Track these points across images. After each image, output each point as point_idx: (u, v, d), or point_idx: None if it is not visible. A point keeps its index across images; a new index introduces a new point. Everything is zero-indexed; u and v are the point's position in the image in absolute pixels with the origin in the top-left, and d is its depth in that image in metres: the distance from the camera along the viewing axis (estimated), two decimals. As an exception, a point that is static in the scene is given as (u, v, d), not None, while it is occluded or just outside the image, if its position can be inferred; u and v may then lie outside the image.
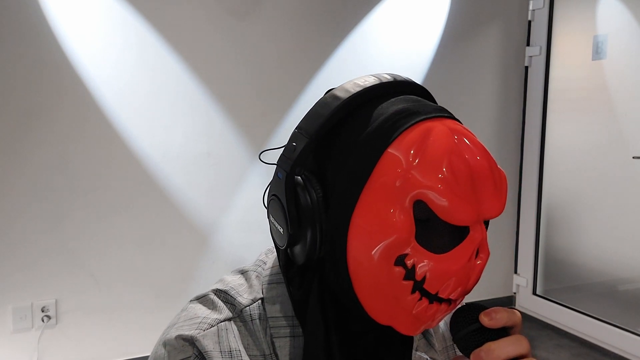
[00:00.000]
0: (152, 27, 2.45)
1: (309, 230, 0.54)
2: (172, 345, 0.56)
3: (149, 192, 2.52)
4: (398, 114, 0.53)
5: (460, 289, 0.53)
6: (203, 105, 2.58)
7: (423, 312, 0.53)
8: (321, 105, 0.56)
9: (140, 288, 2.54)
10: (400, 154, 0.51)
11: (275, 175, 0.56)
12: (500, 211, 0.53)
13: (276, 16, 2.68)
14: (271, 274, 0.63)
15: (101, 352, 2.49)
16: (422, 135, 0.52)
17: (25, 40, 2.25)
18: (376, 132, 0.53)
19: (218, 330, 0.57)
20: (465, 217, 0.51)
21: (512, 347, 0.51)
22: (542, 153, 3.26)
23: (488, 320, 0.52)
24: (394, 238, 0.51)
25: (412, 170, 0.51)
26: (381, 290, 0.53)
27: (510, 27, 3.25)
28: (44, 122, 2.32)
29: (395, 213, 0.51)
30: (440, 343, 0.71)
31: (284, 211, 0.55)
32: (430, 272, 0.51)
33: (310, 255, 0.54)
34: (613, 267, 2.96)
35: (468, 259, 0.52)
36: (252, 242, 2.74)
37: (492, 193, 0.52)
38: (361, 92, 0.56)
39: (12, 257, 2.32)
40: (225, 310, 0.60)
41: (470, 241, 0.52)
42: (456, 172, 0.50)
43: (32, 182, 2.32)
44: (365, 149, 0.53)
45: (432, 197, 0.50)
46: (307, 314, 0.57)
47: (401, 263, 0.51)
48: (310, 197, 0.54)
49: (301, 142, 0.55)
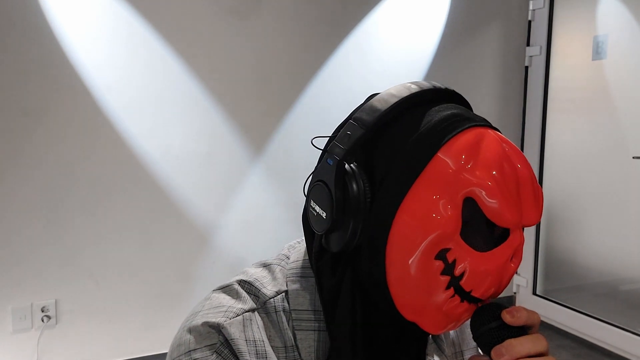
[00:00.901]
0: (152, 27, 2.45)
1: (352, 218, 0.55)
2: (198, 331, 0.57)
3: (149, 192, 2.52)
4: (452, 117, 0.56)
5: (493, 289, 0.55)
6: (203, 105, 2.58)
7: (453, 310, 0.55)
8: (379, 100, 0.58)
9: (140, 288, 2.54)
10: (454, 154, 0.54)
11: (324, 162, 0.58)
12: (538, 220, 0.56)
13: (277, 16, 2.68)
14: (295, 268, 0.64)
15: (101, 352, 2.49)
16: (476, 138, 0.55)
17: (25, 40, 2.25)
18: (431, 131, 0.55)
19: (243, 319, 0.58)
20: (511, 218, 0.53)
21: (531, 344, 0.53)
22: (542, 153, 3.26)
23: (510, 317, 0.54)
24: (441, 231, 0.52)
25: (466, 168, 0.53)
26: (416, 283, 0.54)
27: (510, 27, 3.25)
28: (43, 122, 2.32)
29: (446, 207, 0.53)
30: (450, 349, 0.71)
31: (331, 196, 0.56)
32: (469, 269, 0.53)
33: (348, 243, 0.56)
34: (613, 267, 2.96)
35: (506, 260, 0.54)
36: (252, 242, 2.74)
37: (532, 202, 0.55)
38: (418, 93, 0.58)
39: (12, 257, 2.31)
40: (249, 301, 0.60)
41: (510, 244, 0.54)
42: (506, 176, 0.53)
43: (32, 182, 2.32)
44: (420, 146, 0.55)
45: (482, 196, 0.52)
46: (337, 304, 0.58)
47: (442, 257, 0.53)
48: (357, 185, 0.55)
49: (356, 132, 0.57)
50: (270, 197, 2.76)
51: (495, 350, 0.53)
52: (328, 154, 0.58)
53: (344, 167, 0.56)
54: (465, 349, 0.73)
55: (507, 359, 0.52)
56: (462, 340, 0.74)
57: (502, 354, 0.52)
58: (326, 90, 2.80)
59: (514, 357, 0.52)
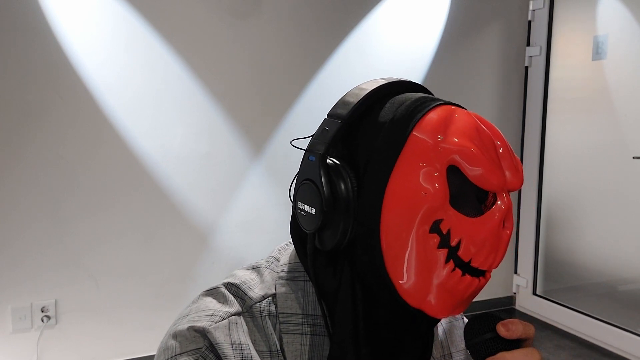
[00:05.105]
0: (153, 27, 2.45)
1: (343, 210, 0.56)
2: (184, 336, 0.57)
3: (149, 192, 2.52)
4: (421, 99, 0.58)
5: (491, 256, 0.55)
6: (203, 105, 2.58)
7: (455, 286, 0.54)
8: (351, 95, 0.60)
9: (140, 288, 2.54)
10: (429, 130, 0.55)
11: (306, 160, 0.59)
12: (520, 183, 0.56)
13: (277, 16, 2.68)
14: (285, 271, 0.63)
15: (101, 352, 2.49)
16: (447, 113, 0.57)
17: (25, 41, 2.25)
18: (404, 113, 0.57)
19: (229, 323, 0.58)
20: (496, 181, 0.54)
21: (524, 357, 0.53)
22: (542, 153, 3.26)
23: (505, 330, 0.54)
24: (430, 203, 0.53)
25: (444, 140, 0.54)
26: (415, 262, 0.54)
27: (510, 27, 3.25)
28: (43, 122, 2.31)
29: (431, 179, 0.53)
30: (438, 351, 0.71)
31: (319, 191, 0.56)
32: (464, 236, 0.54)
33: (342, 237, 0.56)
34: (613, 267, 2.96)
35: (498, 223, 0.54)
36: (251, 242, 2.74)
37: (512, 167, 0.56)
38: (386, 85, 0.60)
39: (12, 257, 2.31)
40: (235, 304, 0.60)
41: (499, 207, 0.55)
42: (484, 142, 0.55)
43: (32, 183, 2.32)
44: (395, 129, 0.56)
45: (465, 162, 0.53)
46: (337, 302, 0.58)
47: (436, 230, 0.54)
48: (343, 177, 0.56)
49: (333, 126, 0.58)
50: (270, 197, 2.76)
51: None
52: (309, 152, 0.58)
53: (326, 160, 0.57)
54: (454, 351, 0.73)
55: None
56: (451, 342, 0.73)
57: None
58: (326, 90, 2.80)
59: None
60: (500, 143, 0.56)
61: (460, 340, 0.74)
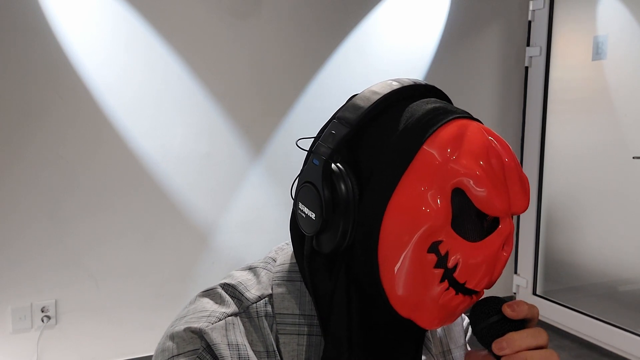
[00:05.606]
0: (153, 27, 2.45)
1: (342, 217, 0.55)
2: (181, 337, 0.57)
3: (149, 192, 2.52)
4: (435, 111, 0.56)
5: (486, 279, 0.55)
6: (203, 105, 2.58)
7: (448, 303, 0.54)
8: (361, 98, 0.58)
9: (140, 288, 2.54)
10: (439, 146, 0.54)
11: (310, 162, 0.58)
12: (526, 207, 0.56)
13: (277, 16, 2.68)
14: (281, 271, 0.63)
15: (101, 352, 2.49)
16: (460, 130, 0.55)
17: (25, 41, 2.25)
18: (415, 124, 0.55)
19: (226, 324, 0.58)
20: (500, 206, 0.53)
21: (532, 338, 0.53)
22: (542, 153, 3.26)
23: (511, 311, 0.54)
24: (431, 223, 0.52)
25: (452, 159, 0.53)
26: (410, 277, 0.54)
27: (510, 27, 3.25)
28: (43, 122, 2.32)
29: (435, 199, 0.53)
30: (437, 347, 0.71)
31: (320, 196, 0.56)
32: (462, 260, 0.53)
33: (339, 243, 0.55)
34: (613, 268, 2.96)
35: (498, 248, 0.54)
36: (251, 243, 2.74)
37: (520, 190, 0.55)
38: (400, 89, 0.58)
39: (12, 257, 2.31)
40: (232, 305, 0.60)
41: (500, 232, 0.54)
42: (493, 165, 0.53)
43: (32, 183, 2.32)
44: (405, 141, 0.55)
45: (471, 185, 0.52)
46: (333, 304, 0.58)
47: (434, 250, 0.53)
48: (345, 184, 0.55)
49: (341, 131, 0.56)
50: (270, 197, 2.76)
51: (496, 344, 0.53)
52: (314, 154, 0.57)
53: (330, 166, 0.56)
54: (454, 347, 0.73)
55: (508, 352, 0.53)
56: (450, 338, 0.73)
57: (504, 348, 0.53)
58: (326, 90, 2.80)
59: (515, 350, 0.53)
60: (509, 160, 0.55)
61: (459, 337, 0.74)
